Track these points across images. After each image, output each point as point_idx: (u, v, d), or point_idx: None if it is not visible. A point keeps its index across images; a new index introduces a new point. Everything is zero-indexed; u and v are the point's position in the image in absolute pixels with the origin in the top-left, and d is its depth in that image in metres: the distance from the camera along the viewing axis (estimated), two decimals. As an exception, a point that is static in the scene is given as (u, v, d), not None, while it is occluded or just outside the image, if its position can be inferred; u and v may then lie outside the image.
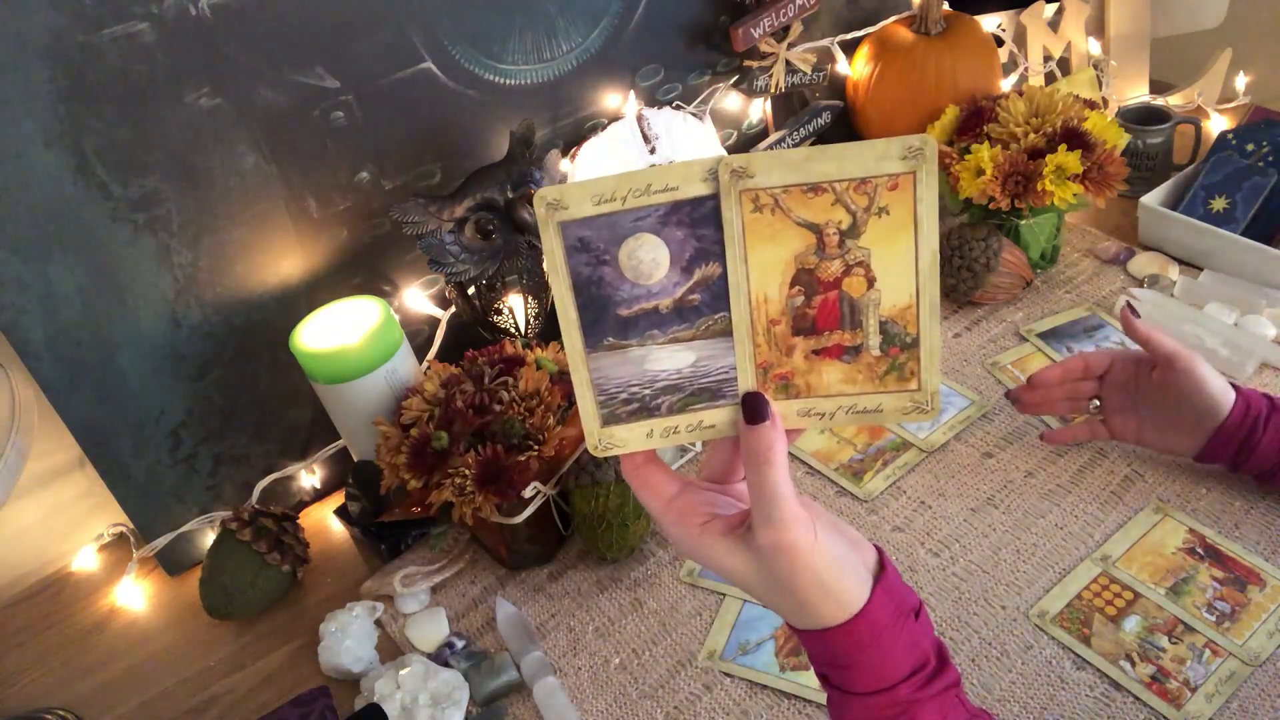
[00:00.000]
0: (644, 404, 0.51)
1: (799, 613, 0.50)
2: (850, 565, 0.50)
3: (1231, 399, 0.80)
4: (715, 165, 0.46)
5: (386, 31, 0.91)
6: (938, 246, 0.47)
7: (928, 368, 0.49)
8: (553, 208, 0.47)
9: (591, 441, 0.52)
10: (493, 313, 0.98)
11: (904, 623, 0.50)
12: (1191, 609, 0.78)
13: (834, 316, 0.49)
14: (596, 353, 0.50)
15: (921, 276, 0.47)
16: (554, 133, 1.07)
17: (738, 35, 1.09)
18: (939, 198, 0.46)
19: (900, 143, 0.45)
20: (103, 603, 0.98)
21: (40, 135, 0.79)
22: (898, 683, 0.50)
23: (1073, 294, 1.13)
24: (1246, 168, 1.13)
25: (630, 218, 0.47)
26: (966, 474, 0.93)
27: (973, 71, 1.17)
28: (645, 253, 0.48)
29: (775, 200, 0.46)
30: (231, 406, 0.96)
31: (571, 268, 0.48)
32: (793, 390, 0.50)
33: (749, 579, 0.50)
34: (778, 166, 0.46)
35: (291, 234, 0.93)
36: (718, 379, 0.50)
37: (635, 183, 0.46)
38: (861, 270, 0.47)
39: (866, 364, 0.49)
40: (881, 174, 0.45)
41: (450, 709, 0.78)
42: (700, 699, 0.78)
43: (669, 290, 0.49)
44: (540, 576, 0.91)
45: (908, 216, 0.46)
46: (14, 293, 0.82)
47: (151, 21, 0.80)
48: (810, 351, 0.49)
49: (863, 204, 0.46)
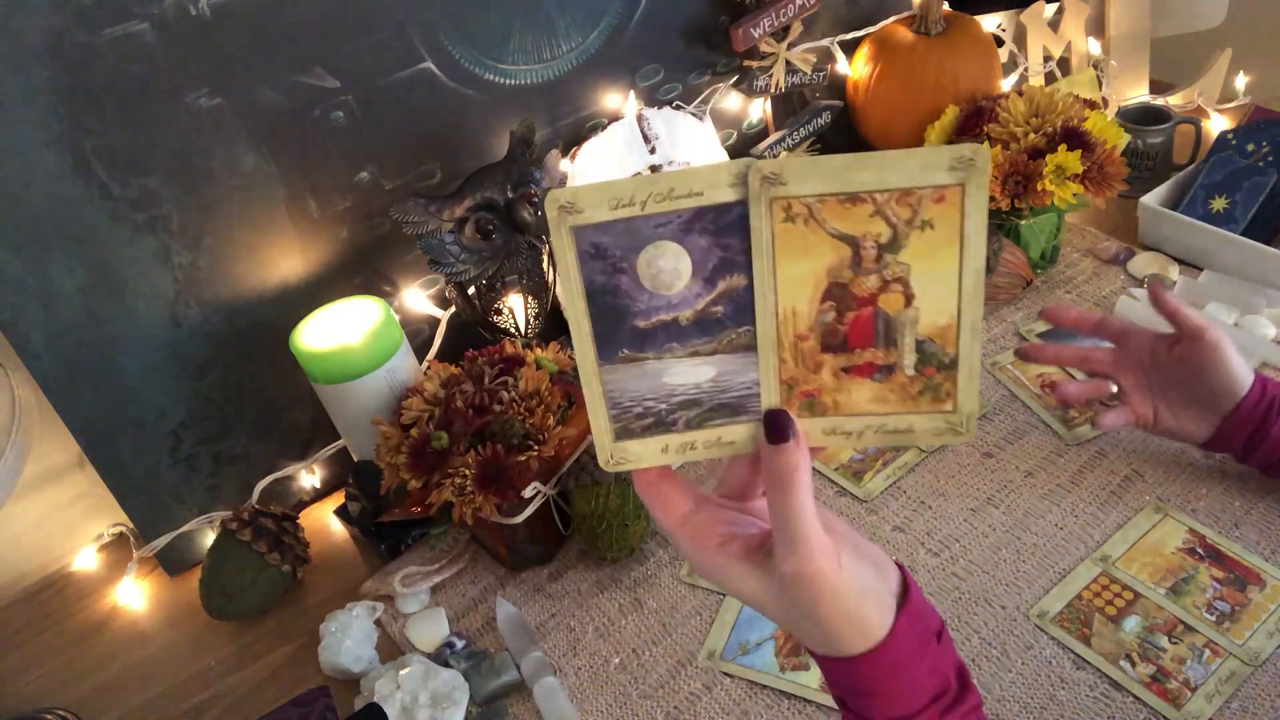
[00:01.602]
0: (660, 419, 0.48)
1: (821, 641, 0.48)
2: (875, 593, 0.47)
3: (1250, 381, 0.79)
4: (745, 170, 0.43)
5: (386, 31, 0.91)
6: (984, 265, 0.43)
7: (965, 390, 0.46)
8: (566, 211, 0.44)
9: (603, 456, 0.49)
10: (493, 313, 0.98)
11: (926, 648, 0.48)
12: (1191, 609, 0.78)
13: (867, 334, 0.45)
14: (611, 365, 0.47)
15: (965, 296, 0.44)
16: (554, 133, 1.07)
17: (738, 35, 1.09)
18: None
19: (949, 152, 0.42)
20: (103, 603, 0.98)
21: (40, 135, 0.79)
22: (920, 710, 0.48)
23: (1073, 294, 1.13)
24: (1246, 168, 1.13)
25: (650, 224, 0.44)
26: (966, 474, 0.93)
27: (973, 71, 1.17)
28: (666, 261, 0.45)
29: (809, 210, 0.43)
30: (231, 406, 0.96)
31: (585, 276, 0.45)
32: (819, 408, 0.47)
33: (768, 605, 0.48)
34: (813, 174, 0.42)
35: (291, 234, 0.93)
36: (739, 394, 0.47)
37: (656, 187, 0.43)
38: (900, 287, 0.44)
39: (899, 383, 0.46)
40: (927, 185, 0.42)
41: (450, 709, 0.78)
42: (700, 699, 0.78)
43: (690, 301, 0.45)
44: (540, 576, 0.91)
45: (953, 232, 0.43)
46: (14, 293, 0.82)
47: (151, 21, 0.80)
48: (840, 369, 0.46)
49: (905, 216, 0.43)
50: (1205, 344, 0.80)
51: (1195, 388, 0.81)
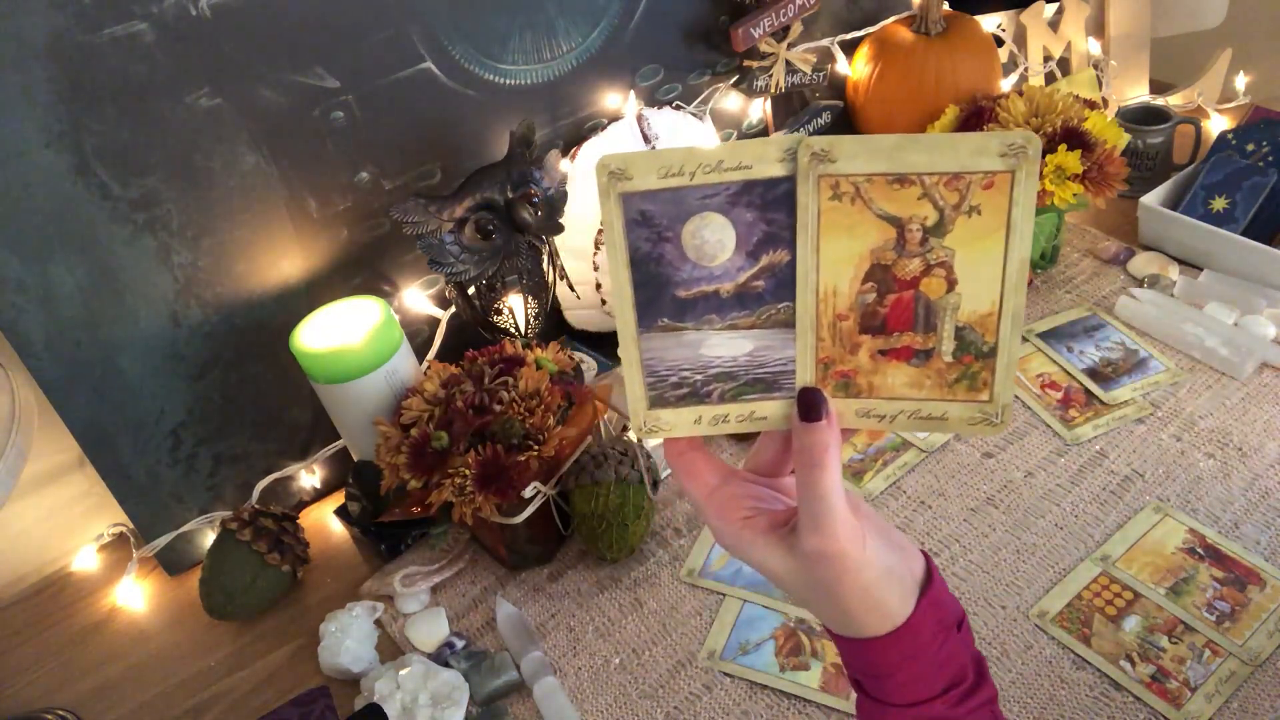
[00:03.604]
0: (694, 389, 0.48)
1: (839, 621, 0.48)
2: (897, 576, 0.47)
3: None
4: (795, 146, 0.43)
5: (386, 31, 0.91)
6: (1029, 254, 0.44)
7: (1003, 380, 0.46)
8: (616, 177, 0.44)
9: (636, 422, 0.49)
10: (493, 313, 0.98)
11: (946, 636, 0.48)
12: (1191, 609, 0.78)
13: (907, 317, 0.46)
14: (650, 333, 0.47)
15: (1008, 284, 0.44)
16: (554, 133, 1.07)
17: (738, 35, 1.09)
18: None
19: (1000, 138, 0.42)
20: (103, 603, 0.97)
21: (40, 135, 0.79)
22: (934, 697, 0.48)
23: (1073, 294, 1.13)
24: (1246, 168, 1.13)
25: (697, 194, 0.44)
26: (966, 474, 0.93)
27: (973, 71, 1.17)
28: (711, 233, 0.45)
29: (857, 189, 0.43)
30: (231, 406, 0.96)
31: (631, 242, 0.45)
32: (853, 389, 0.47)
33: (789, 581, 0.48)
34: (863, 152, 0.43)
35: (291, 234, 0.93)
36: (775, 370, 0.47)
37: (705, 158, 0.44)
38: (943, 271, 0.44)
39: (936, 369, 0.46)
40: (977, 170, 0.42)
41: (450, 709, 0.78)
42: (700, 699, 0.78)
43: (731, 274, 0.46)
44: (540, 576, 0.91)
45: (1000, 219, 0.43)
46: (14, 293, 0.82)
47: (151, 21, 0.80)
48: (877, 351, 0.46)
49: (953, 201, 0.43)
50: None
51: None
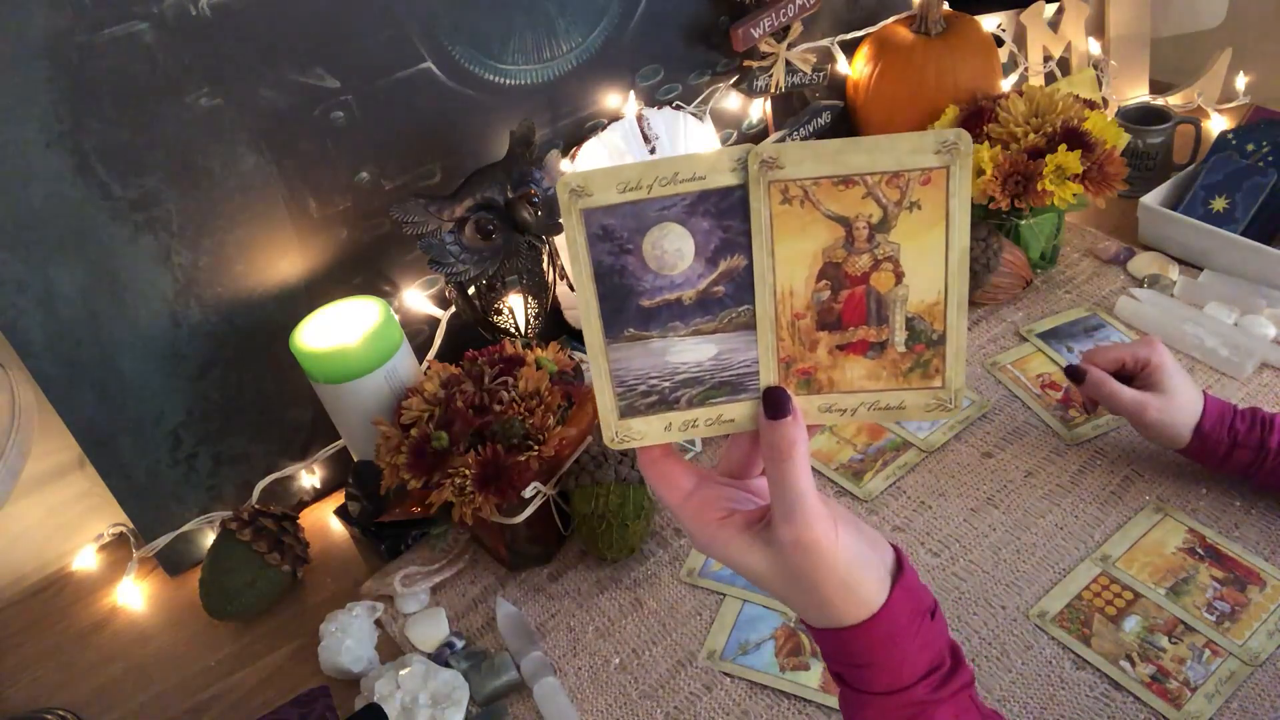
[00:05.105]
0: (663, 396, 0.50)
1: (818, 611, 0.50)
2: (870, 564, 0.49)
3: (1200, 404, 0.83)
4: (744, 155, 0.45)
5: (386, 31, 0.91)
6: (968, 243, 0.46)
7: (953, 365, 0.48)
8: (576, 194, 0.46)
9: (608, 434, 0.51)
10: (493, 313, 0.98)
11: (921, 622, 0.50)
12: (1191, 609, 0.78)
13: (860, 312, 0.48)
14: (617, 343, 0.49)
15: (951, 273, 0.47)
16: (554, 133, 1.07)
17: (738, 35, 1.09)
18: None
19: (934, 136, 0.44)
20: (103, 603, 0.97)
21: (40, 135, 0.78)
22: (914, 683, 0.50)
23: (1073, 294, 1.13)
24: (1246, 168, 1.13)
25: (656, 206, 0.46)
26: (966, 474, 0.93)
27: (973, 71, 1.17)
28: (670, 243, 0.47)
29: (805, 192, 0.45)
30: (231, 406, 0.96)
31: (594, 256, 0.47)
32: (815, 386, 0.49)
33: (767, 576, 0.50)
34: (808, 158, 0.45)
35: (291, 234, 0.93)
36: (739, 373, 0.49)
37: (661, 171, 0.45)
38: (890, 265, 0.47)
39: (891, 360, 0.49)
40: (915, 168, 0.45)
41: (450, 709, 0.78)
42: (700, 699, 0.78)
43: (693, 281, 0.48)
44: (540, 576, 0.91)
45: (939, 212, 0.45)
46: (14, 293, 0.82)
47: (151, 21, 0.80)
48: (834, 347, 0.49)
49: (894, 198, 0.45)
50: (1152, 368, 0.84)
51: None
